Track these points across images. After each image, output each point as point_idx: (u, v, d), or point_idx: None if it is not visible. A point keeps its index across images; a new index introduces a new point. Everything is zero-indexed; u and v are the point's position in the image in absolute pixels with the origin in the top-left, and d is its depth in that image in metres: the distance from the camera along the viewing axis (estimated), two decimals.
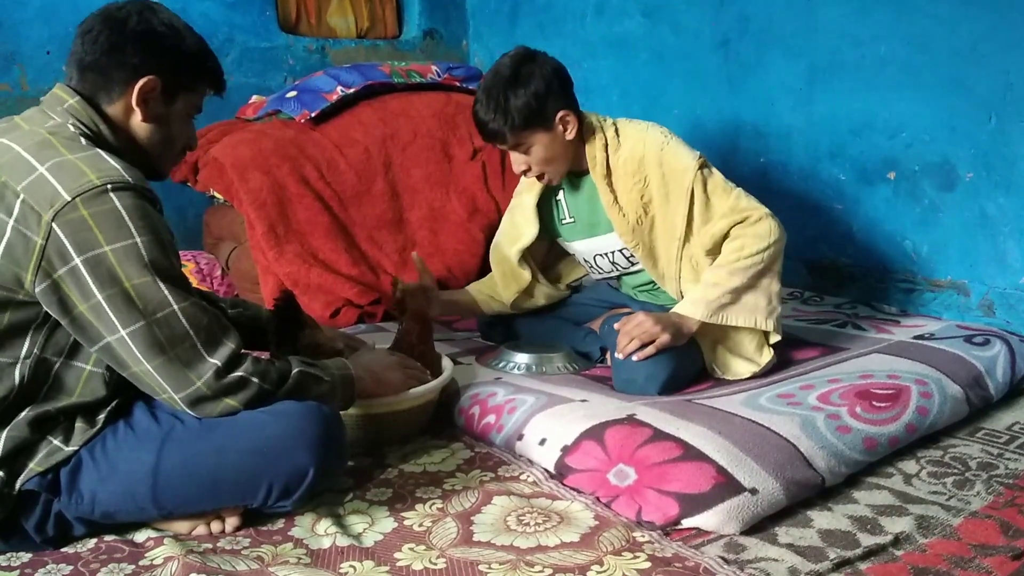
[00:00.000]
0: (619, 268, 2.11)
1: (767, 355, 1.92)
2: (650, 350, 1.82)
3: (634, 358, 1.83)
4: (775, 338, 1.91)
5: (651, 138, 1.94)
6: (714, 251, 1.90)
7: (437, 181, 2.90)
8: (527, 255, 2.14)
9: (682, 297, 1.95)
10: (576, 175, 2.03)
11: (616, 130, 1.97)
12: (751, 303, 1.86)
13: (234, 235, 2.76)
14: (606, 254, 2.09)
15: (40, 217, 1.22)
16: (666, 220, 1.94)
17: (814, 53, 2.60)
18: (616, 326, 1.89)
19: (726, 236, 1.88)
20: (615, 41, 3.17)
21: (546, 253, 2.23)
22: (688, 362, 1.90)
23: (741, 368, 1.92)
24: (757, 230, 1.85)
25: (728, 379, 1.92)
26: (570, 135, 1.91)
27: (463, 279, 2.62)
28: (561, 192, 2.09)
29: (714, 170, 1.93)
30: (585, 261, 2.16)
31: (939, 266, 2.44)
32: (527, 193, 2.11)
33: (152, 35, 1.37)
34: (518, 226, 2.13)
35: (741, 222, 1.86)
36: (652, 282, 2.08)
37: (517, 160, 1.94)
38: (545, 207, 2.12)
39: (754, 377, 1.91)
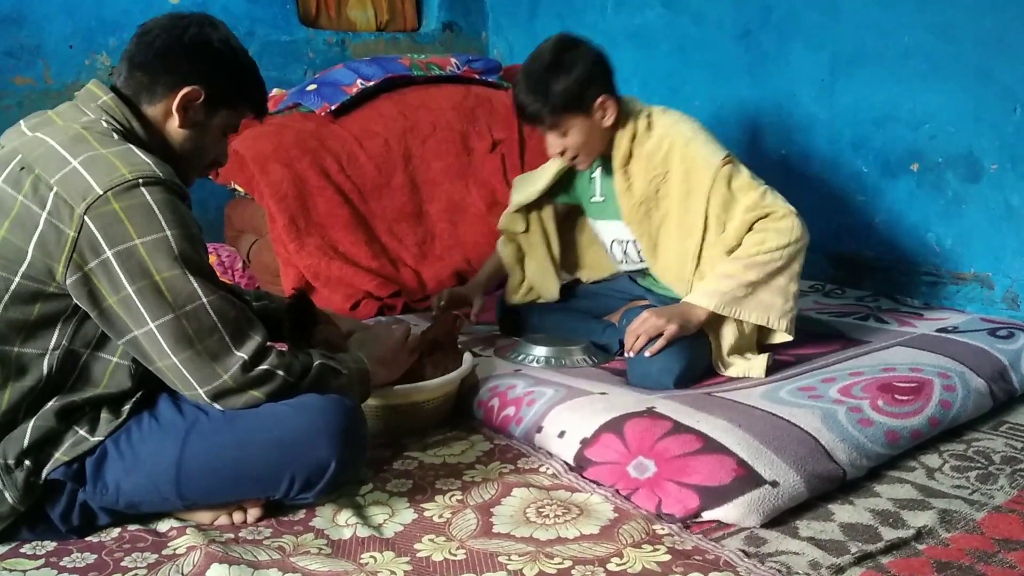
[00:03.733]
0: (630, 261, 2.11)
1: (760, 360, 1.87)
2: (660, 343, 1.80)
3: (646, 353, 1.82)
4: (784, 338, 1.88)
5: (679, 132, 1.94)
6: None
7: (457, 173, 2.90)
8: (537, 218, 2.22)
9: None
10: (610, 158, 2.04)
11: (649, 122, 1.97)
12: (767, 300, 1.83)
13: (255, 228, 2.77)
14: (622, 242, 2.09)
15: (72, 210, 1.24)
16: (683, 218, 1.93)
17: (837, 43, 2.57)
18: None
19: (749, 230, 1.86)
20: (636, 32, 3.16)
21: (561, 222, 2.27)
22: (703, 353, 1.89)
23: (737, 365, 1.89)
24: (779, 226, 1.83)
25: (729, 375, 1.89)
26: (607, 121, 1.92)
27: None
28: (597, 170, 2.10)
29: (741, 167, 1.91)
30: (607, 246, 2.18)
31: (963, 258, 2.41)
32: (553, 161, 2.12)
33: (206, 48, 1.40)
34: (533, 181, 2.19)
35: (764, 217, 1.85)
36: None
37: (553, 143, 1.95)
38: (580, 182, 2.15)
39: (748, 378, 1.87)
